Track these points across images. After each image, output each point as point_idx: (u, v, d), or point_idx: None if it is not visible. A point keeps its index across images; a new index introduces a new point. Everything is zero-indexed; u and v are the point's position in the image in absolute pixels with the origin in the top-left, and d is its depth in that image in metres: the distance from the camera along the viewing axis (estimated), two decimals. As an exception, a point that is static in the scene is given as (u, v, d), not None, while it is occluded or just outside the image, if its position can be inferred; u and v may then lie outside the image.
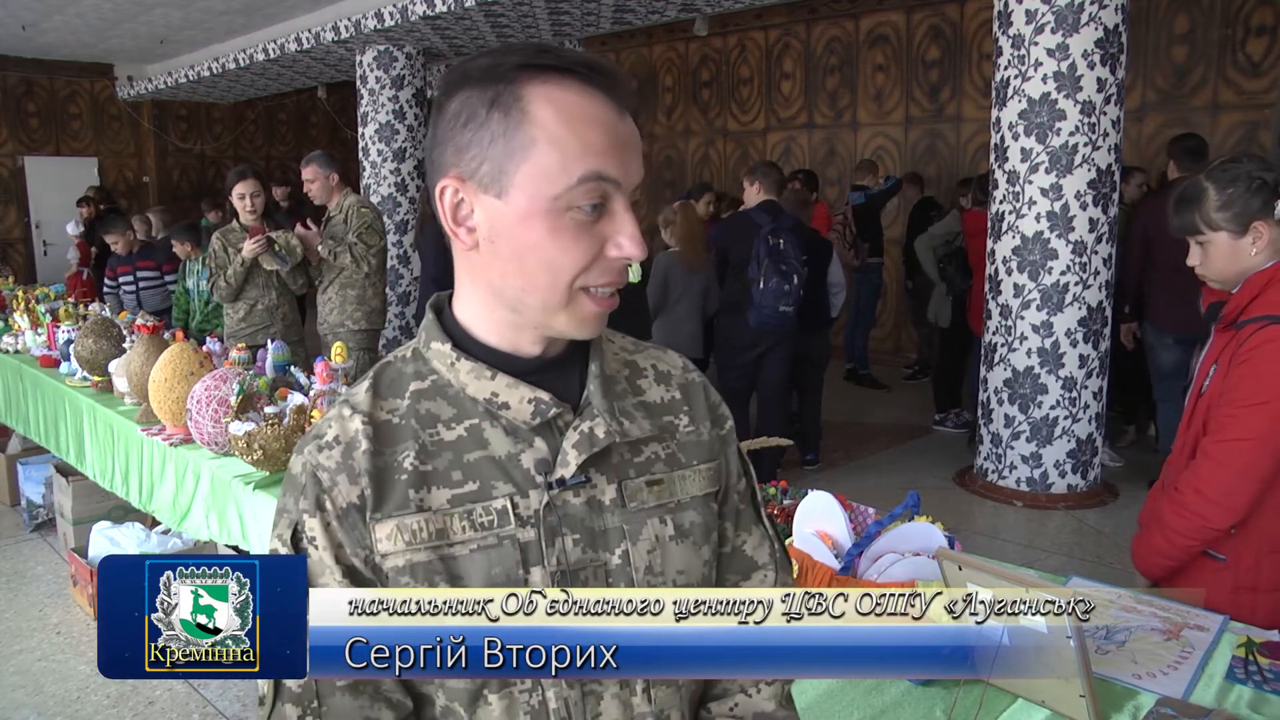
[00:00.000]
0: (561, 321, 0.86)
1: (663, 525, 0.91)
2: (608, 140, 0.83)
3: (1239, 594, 1.82)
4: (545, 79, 0.82)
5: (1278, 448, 1.77)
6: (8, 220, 11.75)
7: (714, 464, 0.98)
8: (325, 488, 0.85)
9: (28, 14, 8.93)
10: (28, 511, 4.67)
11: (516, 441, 0.88)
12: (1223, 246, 1.85)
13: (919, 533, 1.70)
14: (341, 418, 0.88)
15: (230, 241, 4.55)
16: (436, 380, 0.90)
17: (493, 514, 0.86)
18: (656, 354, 1.01)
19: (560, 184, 0.81)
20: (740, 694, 1.00)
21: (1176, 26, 7.05)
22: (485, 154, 0.83)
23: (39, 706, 3.08)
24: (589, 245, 0.84)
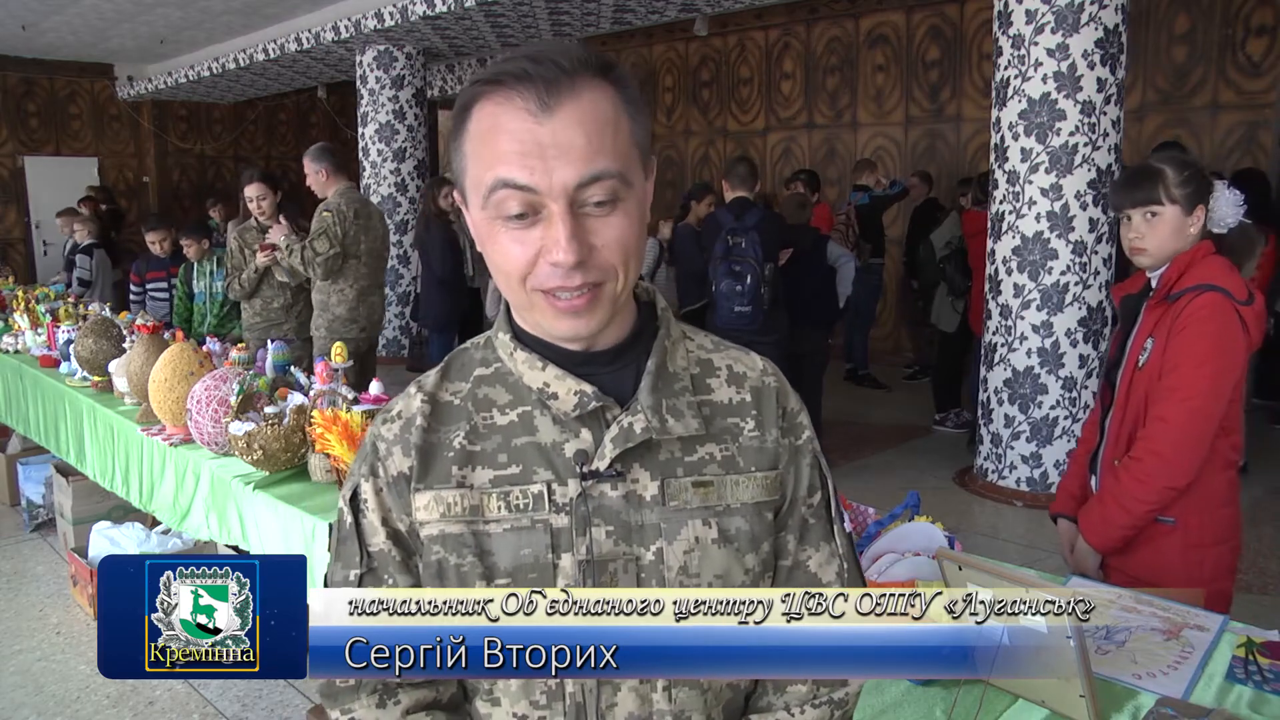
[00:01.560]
0: (539, 320, 0.89)
1: (706, 528, 0.92)
2: (516, 147, 0.82)
3: (1188, 552, 1.96)
4: (487, 92, 0.85)
5: (1221, 404, 1.92)
6: (8, 220, 11.75)
7: (775, 472, 0.97)
8: (380, 456, 0.94)
9: (28, 14, 8.93)
10: (28, 511, 4.67)
11: (563, 431, 0.91)
12: (1172, 221, 1.99)
13: (919, 533, 1.70)
14: (408, 395, 0.96)
15: (247, 241, 4.61)
16: (500, 368, 0.95)
17: (529, 497, 0.89)
18: (737, 355, 1.02)
19: (481, 194, 0.85)
20: (783, 711, 0.97)
21: (1176, 26, 7.05)
22: (456, 170, 0.90)
23: (39, 706, 3.08)
24: (524, 250, 0.85)
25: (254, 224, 4.65)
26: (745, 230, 4.68)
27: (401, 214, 8.50)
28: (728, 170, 4.95)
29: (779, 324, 4.85)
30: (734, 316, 4.68)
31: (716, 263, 4.68)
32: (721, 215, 4.79)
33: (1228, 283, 1.95)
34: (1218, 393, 1.92)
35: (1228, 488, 2.03)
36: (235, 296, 4.71)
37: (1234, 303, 1.93)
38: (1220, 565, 1.98)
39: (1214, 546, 1.99)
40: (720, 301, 4.69)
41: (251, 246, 4.56)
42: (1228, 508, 2.03)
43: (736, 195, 4.80)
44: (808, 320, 5.17)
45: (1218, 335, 1.92)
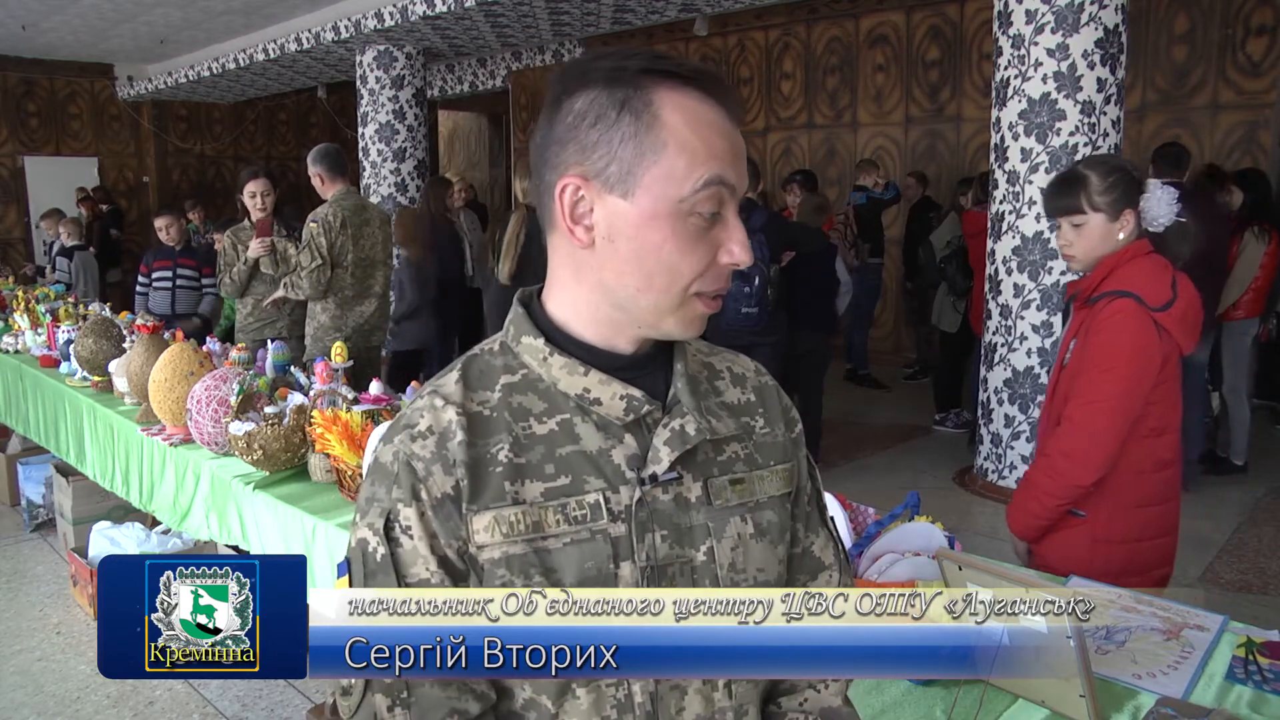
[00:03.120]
0: (670, 323, 0.89)
1: (744, 524, 0.93)
2: (728, 147, 0.86)
3: (1096, 546, 2.02)
4: (671, 85, 0.85)
5: (1131, 408, 1.97)
6: (8, 220, 11.76)
7: (789, 465, 1.00)
8: (420, 477, 0.86)
9: (27, 14, 8.93)
10: (28, 511, 4.67)
11: (607, 437, 0.89)
12: (1097, 228, 2.02)
13: (919, 533, 1.70)
14: (434, 408, 0.89)
15: (240, 239, 4.62)
16: (527, 374, 0.91)
17: (585, 508, 0.87)
18: (730, 357, 1.04)
19: (687, 186, 0.84)
20: (809, 689, 1.01)
21: (1176, 26, 7.05)
22: (614, 154, 0.84)
23: (39, 706, 3.08)
24: (705, 251, 0.86)
25: (247, 224, 4.64)
26: (752, 231, 4.66)
27: (401, 214, 8.50)
28: None
29: (779, 325, 4.85)
30: (740, 318, 4.68)
31: None
32: None
33: (1145, 289, 1.99)
34: (1127, 397, 1.97)
35: (1156, 487, 2.07)
36: (226, 294, 4.73)
37: (1148, 309, 1.97)
38: (1133, 562, 2.03)
39: (1123, 544, 2.04)
40: (726, 303, 4.66)
41: (244, 244, 4.57)
42: (1150, 507, 2.07)
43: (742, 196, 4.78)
44: (809, 322, 5.17)
45: (1127, 342, 1.97)
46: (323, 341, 4.17)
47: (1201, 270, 4.83)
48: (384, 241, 4.41)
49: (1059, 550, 2.08)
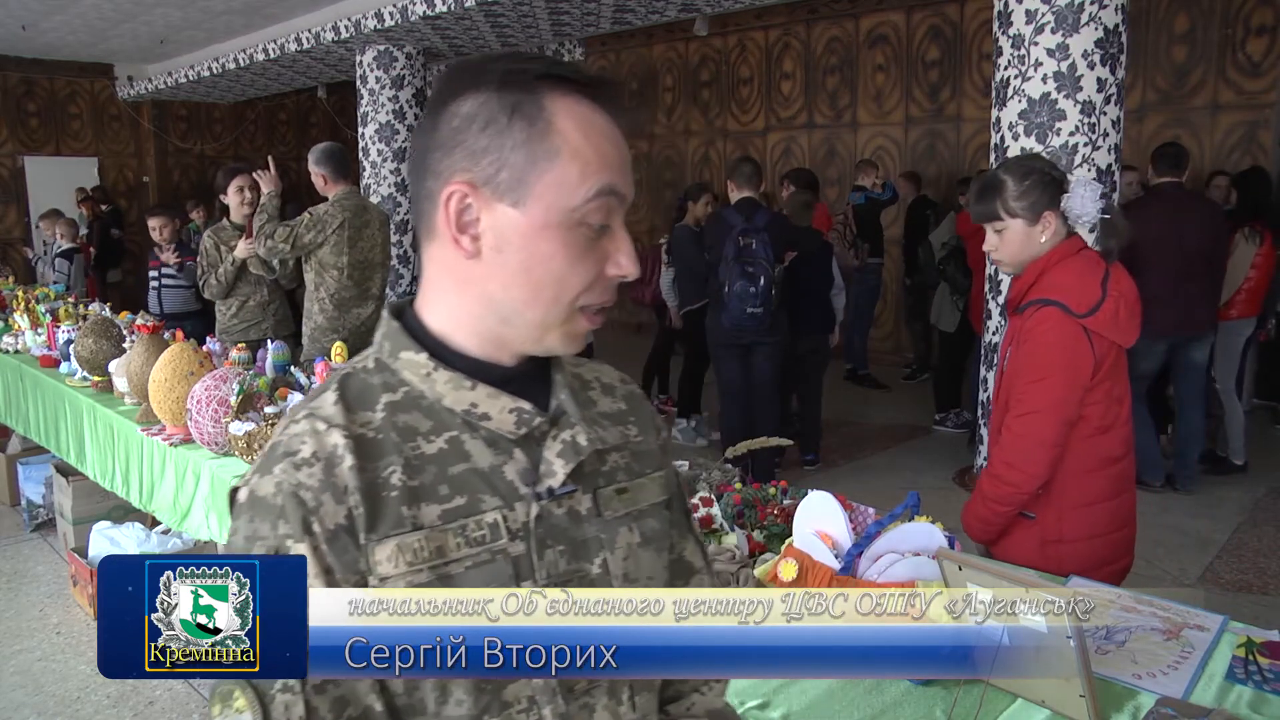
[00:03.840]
0: (553, 338, 0.86)
1: (631, 533, 0.92)
2: (620, 157, 0.84)
3: (1046, 547, 2.07)
4: (566, 92, 0.83)
5: (1065, 415, 2.00)
6: (8, 220, 11.75)
7: (663, 473, 0.99)
8: (310, 508, 0.80)
9: (27, 14, 8.92)
10: (28, 511, 4.67)
11: (498, 453, 0.86)
12: (1018, 233, 2.04)
13: (919, 533, 1.70)
14: (316, 432, 0.82)
15: (222, 240, 4.53)
16: (409, 391, 0.86)
17: (484, 528, 0.84)
18: (597, 368, 1.02)
19: (578, 196, 0.82)
20: (695, 694, 1.02)
21: (1176, 26, 7.05)
22: (505, 161, 0.81)
23: (39, 706, 3.08)
24: (594, 262, 0.84)
25: (227, 223, 4.59)
26: (756, 231, 4.67)
27: (402, 214, 8.50)
28: (732, 170, 4.92)
29: (781, 325, 4.86)
30: (746, 317, 4.68)
31: (729, 264, 4.65)
32: (729, 215, 4.77)
33: (1070, 295, 1.99)
34: (1060, 405, 1.99)
35: (1106, 483, 2.09)
36: (210, 295, 4.60)
37: (1074, 316, 1.98)
38: (1085, 559, 2.06)
39: (1073, 544, 2.07)
40: (732, 302, 4.67)
41: (227, 244, 4.50)
42: (1100, 504, 2.08)
43: (743, 195, 4.79)
44: (808, 322, 5.17)
45: (1054, 350, 1.99)
46: (320, 342, 4.15)
47: (1201, 270, 4.86)
48: (383, 243, 4.36)
49: (1012, 551, 2.12)
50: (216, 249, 4.52)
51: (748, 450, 2.36)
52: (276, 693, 0.78)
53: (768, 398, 4.99)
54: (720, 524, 2.10)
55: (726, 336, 4.83)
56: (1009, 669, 1.45)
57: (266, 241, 4.10)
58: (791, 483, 2.24)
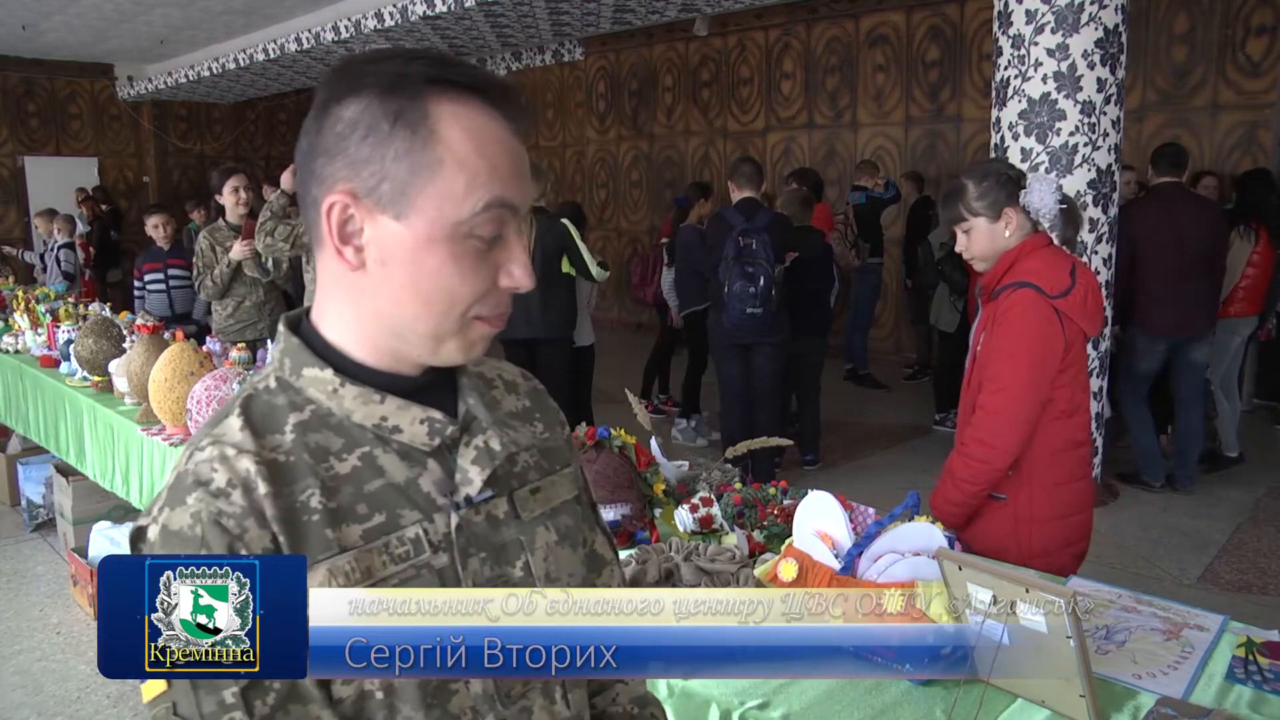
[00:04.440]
0: (449, 349, 0.83)
1: (548, 532, 0.92)
2: (511, 165, 0.80)
3: (1018, 526, 2.14)
4: (453, 97, 0.79)
5: (1038, 392, 2.09)
6: (8, 220, 11.76)
7: (571, 469, 0.99)
8: (235, 535, 0.76)
9: (28, 14, 8.93)
10: (28, 511, 4.67)
11: (412, 465, 0.84)
12: (983, 230, 2.17)
13: (919, 533, 1.70)
14: (225, 459, 0.78)
15: (218, 240, 4.54)
16: (316, 409, 0.83)
17: (407, 543, 0.82)
18: (496, 365, 1.00)
19: (465, 209, 0.78)
20: (619, 684, 1.04)
21: (1176, 26, 7.05)
22: (386, 171, 0.78)
23: (39, 707, 3.08)
24: (485, 273, 0.81)
25: (223, 224, 4.61)
26: (756, 231, 4.66)
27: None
28: (733, 170, 4.92)
29: (782, 325, 4.86)
30: (745, 318, 4.67)
31: (729, 264, 4.65)
32: (730, 215, 4.77)
33: (1043, 279, 2.10)
34: (1034, 381, 2.08)
35: (1070, 466, 2.17)
36: (206, 296, 4.63)
37: (1047, 297, 2.08)
38: (1051, 539, 2.14)
39: (1043, 523, 2.14)
40: (731, 303, 4.66)
41: (223, 244, 4.51)
42: (1065, 485, 2.17)
43: (744, 195, 4.79)
44: (805, 323, 5.17)
45: (1029, 328, 2.09)
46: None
47: (1201, 270, 4.86)
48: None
49: (984, 534, 2.18)
50: (212, 249, 4.53)
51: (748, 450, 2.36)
52: None
53: (768, 398, 4.98)
54: (720, 524, 2.10)
55: (727, 337, 4.83)
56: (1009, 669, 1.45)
57: (266, 239, 4.11)
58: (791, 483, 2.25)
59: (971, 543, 2.16)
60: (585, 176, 11.36)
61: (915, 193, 7.57)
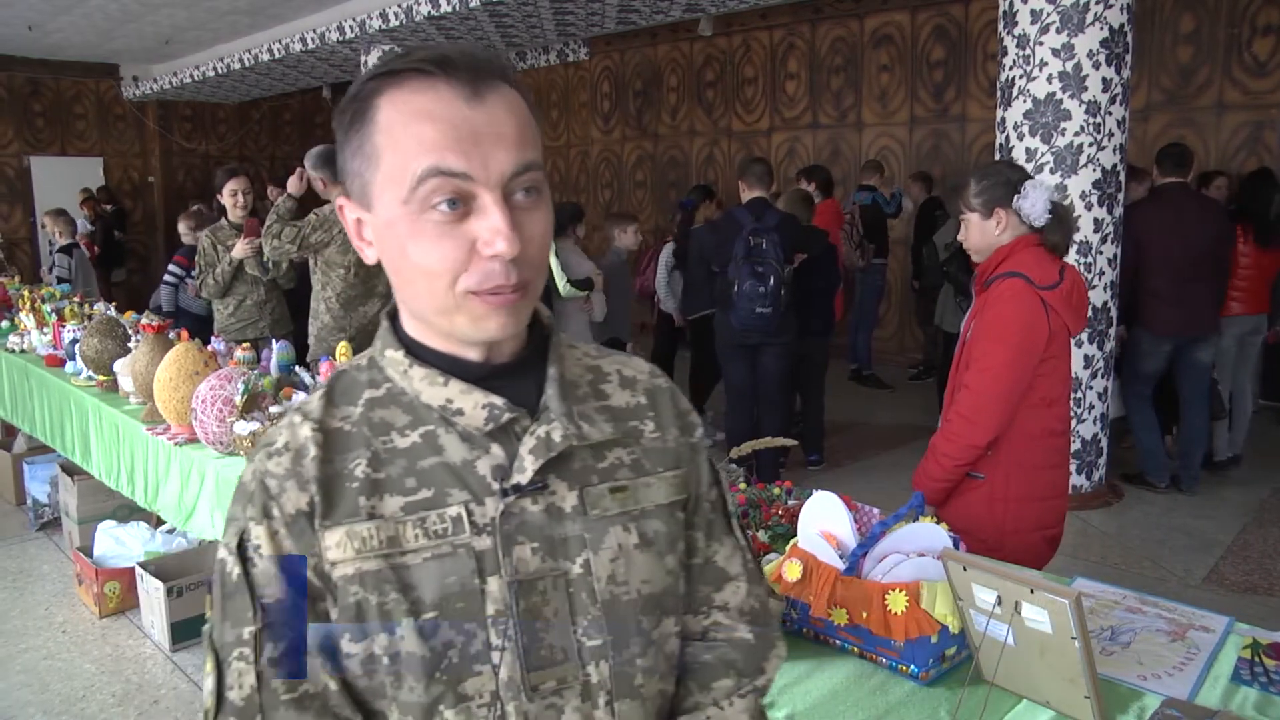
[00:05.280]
0: (461, 324, 0.84)
1: (626, 533, 0.89)
2: (448, 134, 0.79)
3: (993, 505, 2.25)
4: (393, 84, 0.81)
5: (1021, 374, 2.20)
6: (14, 220, 11.79)
7: (680, 471, 0.95)
8: (273, 494, 0.84)
9: (34, 14, 8.95)
10: (33, 510, 4.68)
11: (472, 448, 0.86)
12: (976, 225, 2.32)
13: (924, 533, 1.70)
14: (292, 425, 0.87)
15: (220, 239, 4.56)
16: (391, 388, 0.88)
17: (447, 521, 0.83)
18: (622, 360, 0.99)
19: (404, 186, 0.80)
20: (713, 707, 0.96)
21: (1182, 26, 7.03)
22: (354, 171, 0.84)
23: (45, 705, 3.08)
24: (455, 245, 0.80)
25: (225, 223, 4.62)
26: (766, 231, 4.67)
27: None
28: (744, 170, 4.92)
29: (790, 326, 4.86)
30: (755, 318, 4.67)
31: (739, 263, 4.65)
32: (740, 215, 4.77)
33: (1033, 271, 2.21)
34: (1017, 364, 2.19)
35: (1045, 453, 2.28)
36: (208, 295, 4.64)
37: (1035, 287, 2.19)
38: (1024, 519, 2.25)
39: (1017, 502, 2.25)
40: (741, 302, 4.66)
41: (225, 244, 4.54)
42: (1041, 471, 2.27)
43: (754, 195, 4.80)
44: (810, 324, 5.16)
45: (1016, 314, 2.20)
46: (326, 342, 4.17)
47: (1206, 270, 4.84)
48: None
49: (960, 511, 2.27)
50: (214, 248, 4.56)
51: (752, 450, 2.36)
52: (233, 660, 0.83)
53: (774, 399, 4.98)
54: (724, 524, 2.10)
55: (735, 337, 4.83)
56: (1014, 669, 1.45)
57: (273, 241, 4.12)
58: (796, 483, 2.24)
59: (950, 520, 2.19)
60: (590, 177, 11.37)
61: (924, 193, 7.55)
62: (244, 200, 4.57)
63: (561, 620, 0.85)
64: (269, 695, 0.82)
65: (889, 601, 1.53)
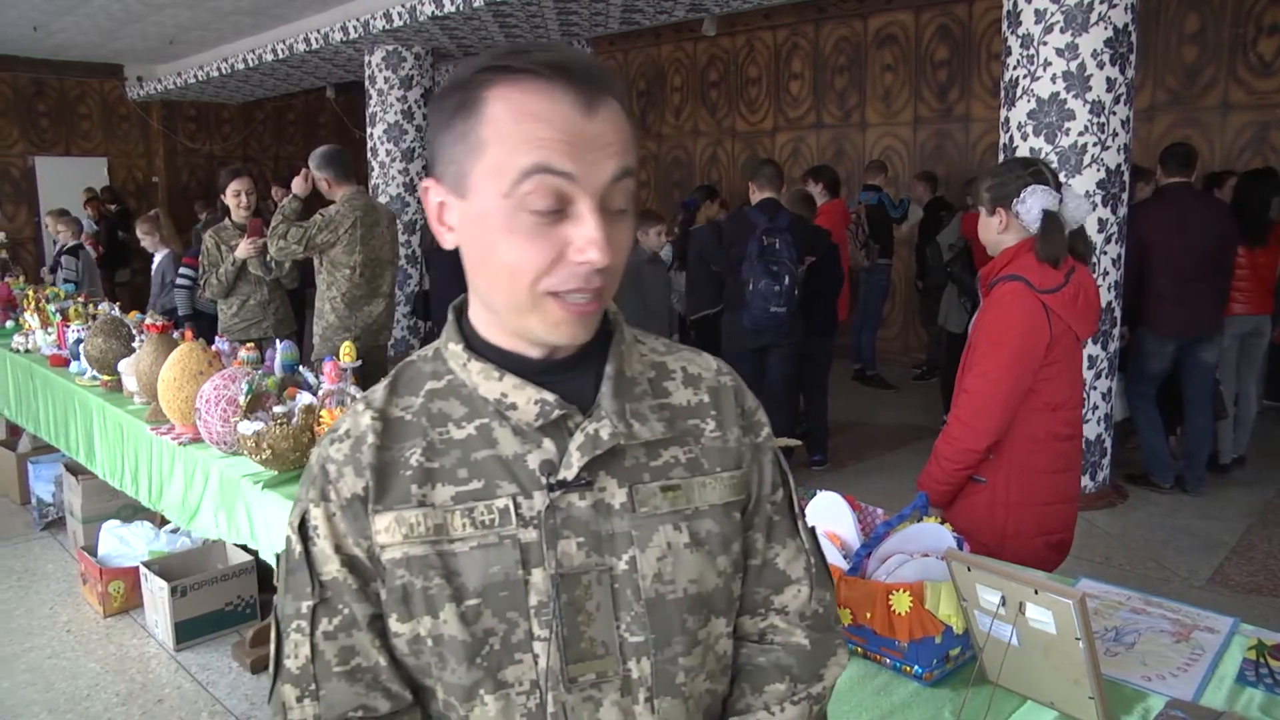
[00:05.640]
0: (533, 324, 0.85)
1: (677, 532, 0.89)
2: (559, 135, 0.80)
3: (994, 509, 2.23)
4: (506, 80, 0.82)
5: (1019, 379, 2.17)
6: (19, 220, 11.81)
7: (740, 472, 0.95)
8: (331, 479, 0.88)
9: (38, 15, 8.96)
10: (38, 510, 4.69)
11: (524, 442, 0.87)
12: (982, 219, 2.33)
13: (928, 533, 1.70)
14: (355, 413, 0.92)
15: (223, 239, 4.57)
16: (452, 380, 0.91)
17: (494, 512, 0.86)
18: (689, 356, 0.99)
19: (507, 179, 0.81)
20: (763, 711, 0.96)
21: (1187, 26, 7.02)
22: (450, 156, 0.85)
23: (50, 704, 3.09)
24: (547, 247, 0.81)
25: (229, 223, 4.63)
26: (779, 231, 4.70)
27: (410, 214, 8.52)
28: (754, 172, 4.97)
29: (798, 327, 4.90)
30: (769, 317, 4.69)
31: (753, 262, 4.67)
32: (753, 215, 4.80)
33: (1035, 274, 2.18)
34: (1015, 368, 2.17)
35: (1049, 457, 2.25)
36: (211, 295, 4.65)
37: (1035, 290, 2.16)
38: (1024, 523, 2.23)
39: (1018, 506, 2.22)
40: (755, 301, 4.67)
41: (229, 244, 4.55)
42: (1043, 475, 2.24)
43: (764, 196, 4.83)
44: (813, 324, 5.16)
45: (1014, 318, 2.17)
46: (331, 341, 4.18)
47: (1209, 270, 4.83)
48: (391, 241, 4.38)
49: (964, 514, 2.26)
50: (218, 248, 4.57)
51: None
52: (291, 631, 0.89)
53: (779, 399, 5.00)
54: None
55: (746, 338, 4.83)
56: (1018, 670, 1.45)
57: (279, 241, 4.13)
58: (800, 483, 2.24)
59: (955, 522, 2.21)
60: (593, 176, 11.35)
61: (928, 193, 7.54)
62: (247, 200, 4.58)
63: (604, 615, 0.87)
64: (322, 666, 0.88)
65: (893, 602, 1.53)
